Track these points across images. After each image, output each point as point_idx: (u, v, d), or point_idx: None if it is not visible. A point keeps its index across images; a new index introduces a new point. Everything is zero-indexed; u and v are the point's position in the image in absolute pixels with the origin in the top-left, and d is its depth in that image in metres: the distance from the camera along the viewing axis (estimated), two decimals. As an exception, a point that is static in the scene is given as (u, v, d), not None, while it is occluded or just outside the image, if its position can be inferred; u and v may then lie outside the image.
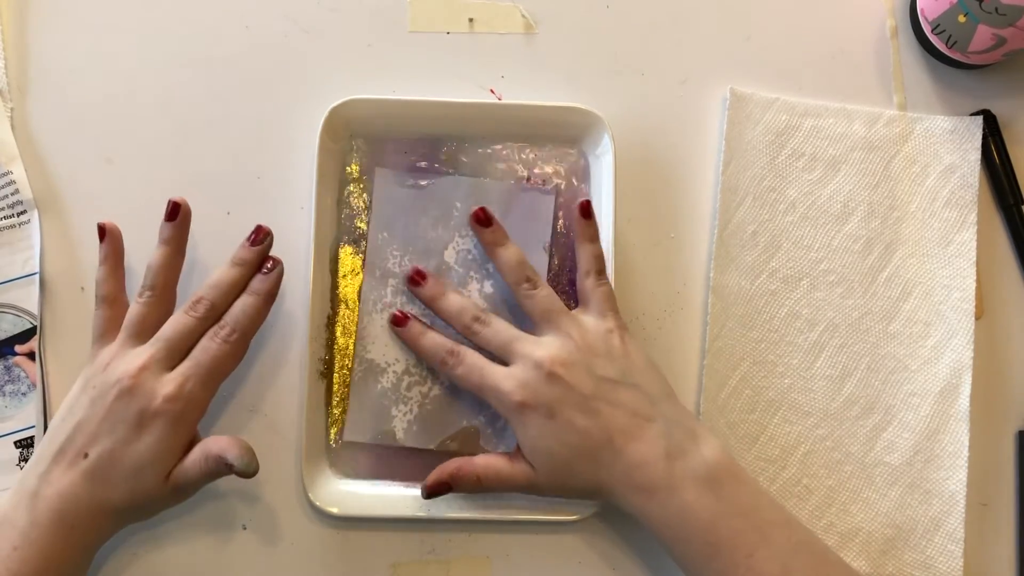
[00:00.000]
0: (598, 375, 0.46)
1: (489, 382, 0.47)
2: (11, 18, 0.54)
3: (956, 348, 0.53)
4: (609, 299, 0.49)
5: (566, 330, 0.47)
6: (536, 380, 0.46)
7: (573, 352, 0.47)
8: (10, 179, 0.52)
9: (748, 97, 0.54)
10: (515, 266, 0.49)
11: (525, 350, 0.47)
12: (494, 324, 0.49)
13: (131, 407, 0.44)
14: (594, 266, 0.49)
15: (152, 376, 0.45)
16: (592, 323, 0.48)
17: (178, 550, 0.50)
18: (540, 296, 0.49)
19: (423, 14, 0.55)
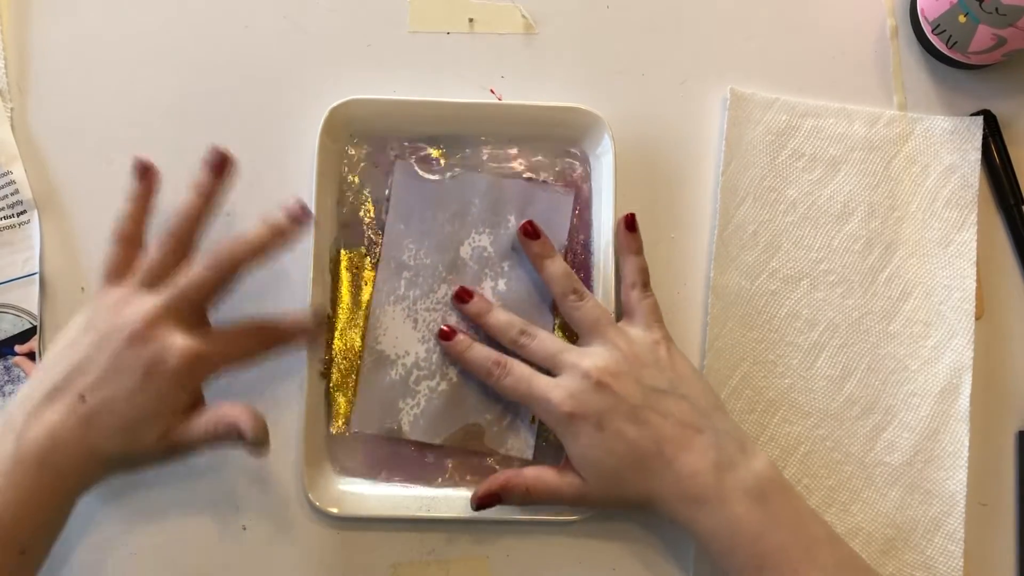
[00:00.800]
0: (646, 385, 0.46)
1: (537, 392, 0.47)
2: (11, 18, 0.54)
3: (956, 348, 0.53)
4: (655, 311, 0.49)
5: (613, 341, 0.47)
6: (585, 390, 0.46)
7: (621, 362, 0.47)
8: (10, 179, 0.52)
9: (748, 97, 0.54)
10: (562, 278, 0.49)
11: (572, 360, 0.47)
12: (541, 336, 0.49)
13: (141, 356, 0.43)
14: (640, 278, 0.50)
15: (166, 327, 0.43)
16: (639, 334, 0.48)
17: (178, 550, 0.50)
18: (587, 307, 0.49)
19: (423, 14, 0.55)
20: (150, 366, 0.43)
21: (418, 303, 0.52)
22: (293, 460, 0.51)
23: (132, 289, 0.45)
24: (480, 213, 0.52)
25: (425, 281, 0.52)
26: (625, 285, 0.50)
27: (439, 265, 0.52)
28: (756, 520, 0.44)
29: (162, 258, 0.46)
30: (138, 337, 0.43)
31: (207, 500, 0.50)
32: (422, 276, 0.52)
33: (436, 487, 0.51)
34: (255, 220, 0.52)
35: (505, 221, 0.52)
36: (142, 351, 0.43)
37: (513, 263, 0.52)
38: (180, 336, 0.44)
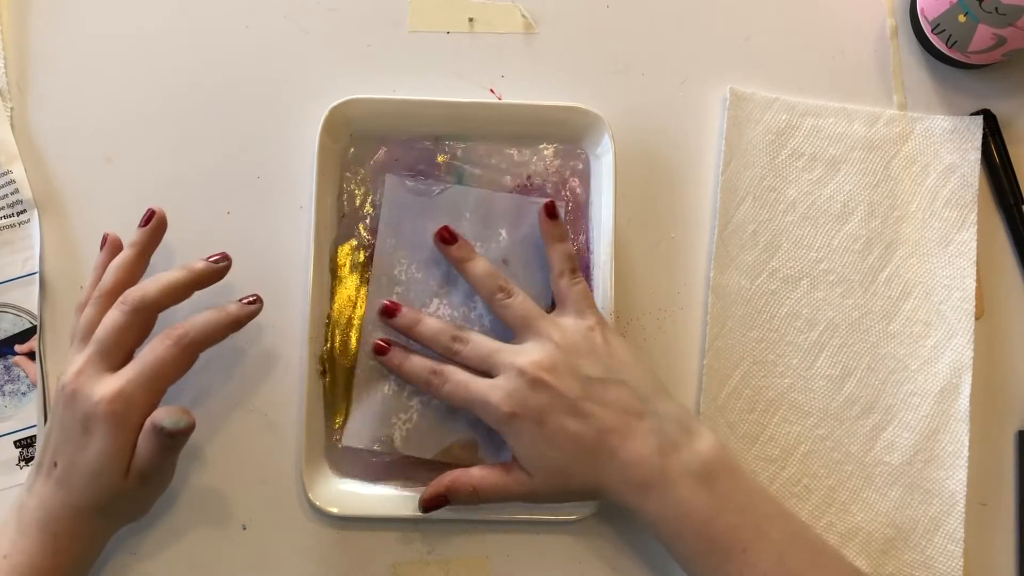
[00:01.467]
0: (584, 375, 0.46)
1: (476, 396, 0.46)
2: (11, 18, 0.54)
3: (956, 348, 0.53)
4: (586, 296, 0.49)
5: (546, 334, 0.47)
6: (522, 388, 0.45)
7: (555, 355, 0.46)
8: (10, 179, 0.52)
9: (748, 97, 0.54)
10: (485, 278, 0.49)
11: (507, 360, 0.47)
12: (474, 340, 0.48)
13: (75, 413, 0.44)
14: (566, 265, 0.49)
15: (89, 379, 0.44)
16: (571, 323, 0.48)
17: (178, 550, 0.50)
18: (516, 304, 0.48)
19: (423, 14, 0.55)
20: (85, 420, 0.44)
21: None
22: (293, 460, 0.51)
23: (72, 351, 0.47)
24: (471, 227, 0.52)
25: (417, 296, 0.51)
26: (553, 274, 0.49)
27: (431, 279, 0.52)
28: (703, 502, 0.44)
29: (94, 314, 0.47)
30: (69, 396, 0.44)
31: (207, 500, 0.50)
32: (413, 291, 0.51)
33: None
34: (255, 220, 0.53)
35: (496, 235, 0.52)
36: (75, 408, 0.44)
37: (506, 276, 0.51)
38: (99, 384, 0.44)
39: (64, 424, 0.44)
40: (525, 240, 0.52)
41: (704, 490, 0.44)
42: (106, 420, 0.43)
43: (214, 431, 0.51)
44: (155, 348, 0.45)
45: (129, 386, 0.44)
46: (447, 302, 0.51)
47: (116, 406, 0.43)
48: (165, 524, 0.50)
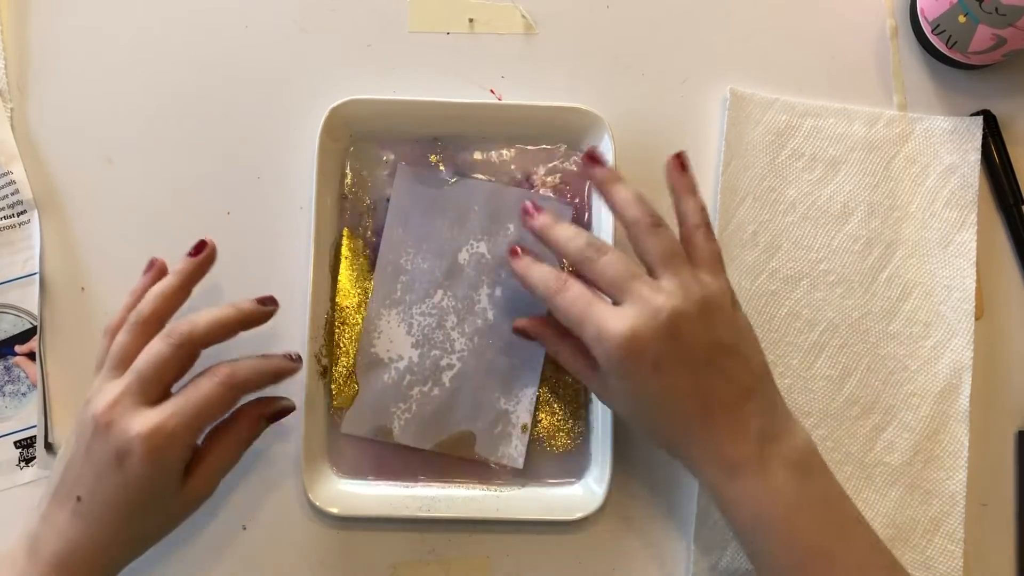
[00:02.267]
0: (713, 338, 0.43)
1: (596, 317, 0.42)
2: (11, 18, 0.54)
3: (956, 348, 0.53)
4: (720, 259, 0.45)
5: (688, 280, 0.43)
6: (651, 327, 0.41)
7: (695, 306, 0.42)
8: (10, 179, 0.52)
9: (748, 97, 0.54)
10: (635, 202, 0.44)
11: (645, 292, 0.42)
12: (611, 254, 0.44)
13: (108, 446, 0.42)
14: (703, 218, 0.45)
15: (126, 411, 0.42)
16: (709, 280, 0.44)
17: (178, 550, 0.50)
18: (665, 235, 0.44)
19: (423, 14, 0.55)
20: (120, 455, 0.41)
21: (413, 307, 0.52)
22: (293, 460, 0.51)
23: (102, 379, 0.44)
24: (479, 220, 0.52)
25: (421, 286, 0.52)
26: (687, 226, 0.45)
27: (436, 270, 0.52)
28: (792, 493, 0.42)
29: (130, 342, 0.44)
30: (102, 427, 0.42)
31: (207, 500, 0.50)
32: (418, 281, 0.52)
33: (436, 487, 0.51)
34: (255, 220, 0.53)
35: (504, 229, 0.52)
36: (108, 440, 0.42)
37: (511, 271, 0.52)
38: (139, 418, 0.42)
39: (94, 457, 0.42)
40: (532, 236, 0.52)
41: (795, 482, 0.42)
42: (145, 457, 0.41)
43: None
44: (200, 386, 0.43)
45: (171, 421, 0.42)
46: (451, 294, 0.52)
47: (156, 441, 0.41)
48: (165, 524, 0.50)
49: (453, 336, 0.51)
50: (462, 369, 0.51)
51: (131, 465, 0.41)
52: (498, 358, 0.51)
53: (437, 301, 0.52)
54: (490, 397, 0.51)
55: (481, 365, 0.51)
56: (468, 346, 0.51)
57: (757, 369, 0.44)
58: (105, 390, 0.43)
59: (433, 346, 0.51)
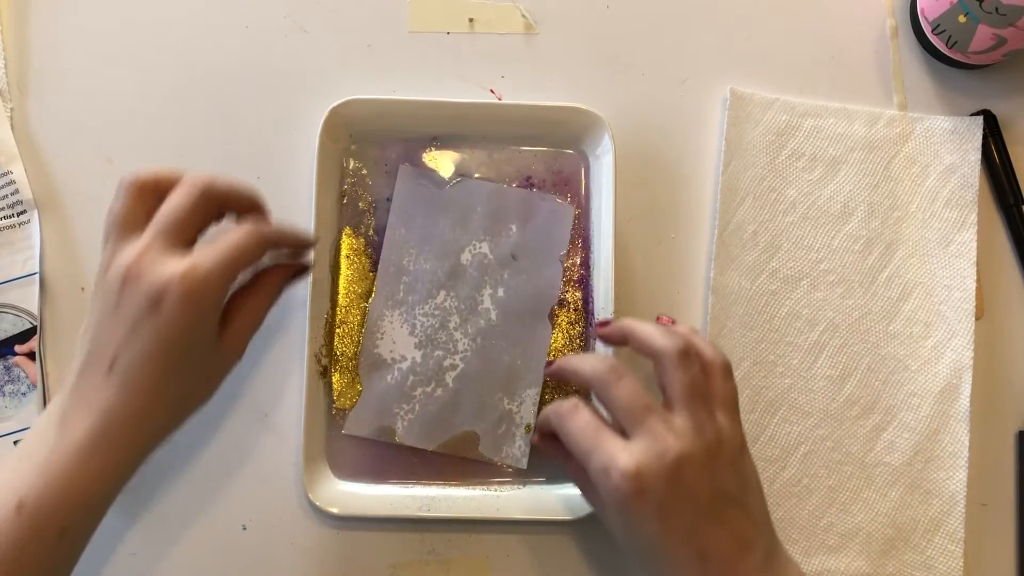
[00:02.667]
0: (719, 487, 0.41)
1: (602, 448, 0.41)
2: (11, 18, 0.54)
3: (956, 348, 0.53)
4: (736, 401, 0.44)
5: (703, 423, 0.42)
6: (657, 469, 0.40)
7: (705, 452, 0.41)
8: (10, 179, 0.52)
9: (748, 97, 0.54)
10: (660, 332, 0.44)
11: (656, 428, 0.41)
12: (628, 380, 0.42)
13: (141, 294, 0.39)
14: (719, 356, 0.44)
15: (155, 259, 0.40)
16: (725, 424, 0.43)
17: (178, 550, 0.50)
18: (693, 370, 0.42)
19: (423, 14, 0.55)
20: (156, 299, 0.39)
21: (416, 308, 0.51)
22: (293, 460, 0.51)
23: (115, 243, 0.42)
24: (482, 220, 0.52)
25: (424, 286, 0.52)
26: (705, 362, 0.44)
27: (439, 271, 0.52)
28: None
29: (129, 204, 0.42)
30: (133, 278, 0.40)
31: (207, 500, 0.50)
32: (421, 281, 0.52)
33: (436, 487, 0.51)
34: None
35: (507, 229, 0.52)
36: (140, 289, 0.40)
37: (513, 271, 0.52)
38: (171, 262, 0.40)
39: (125, 311, 0.40)
40: (535, 235, 0.52)
41: None
42: (181, 299, 0.39)
43: (214, 431, 0.51)
44: (228, 235, 0.42)
45: (205, 263, 0.40)
46: (454, 294, 0.52)
47: (191, 283, 0.39)
48: (165, 524, 0.50)
49: (456, 336, 0.51)
50: (465, 369, 0.51)
51: (167, 309, 0.39)
52: (501, 358, 0.51)
53: (440, 302, 0.52)
54: (493, 397, 0.51)
55: (484, 365, 0.51)
56: (471, 346, 0.51)
57: (759, 519, 0.43)
58: (126, 249, 0.41)
59: (436, 346, 0.51)
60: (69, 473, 0.39)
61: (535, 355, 0.51)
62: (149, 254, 0.40)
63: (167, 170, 0.43)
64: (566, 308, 0.52)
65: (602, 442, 0.41)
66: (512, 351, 0.51)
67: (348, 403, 0.51)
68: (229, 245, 0.42)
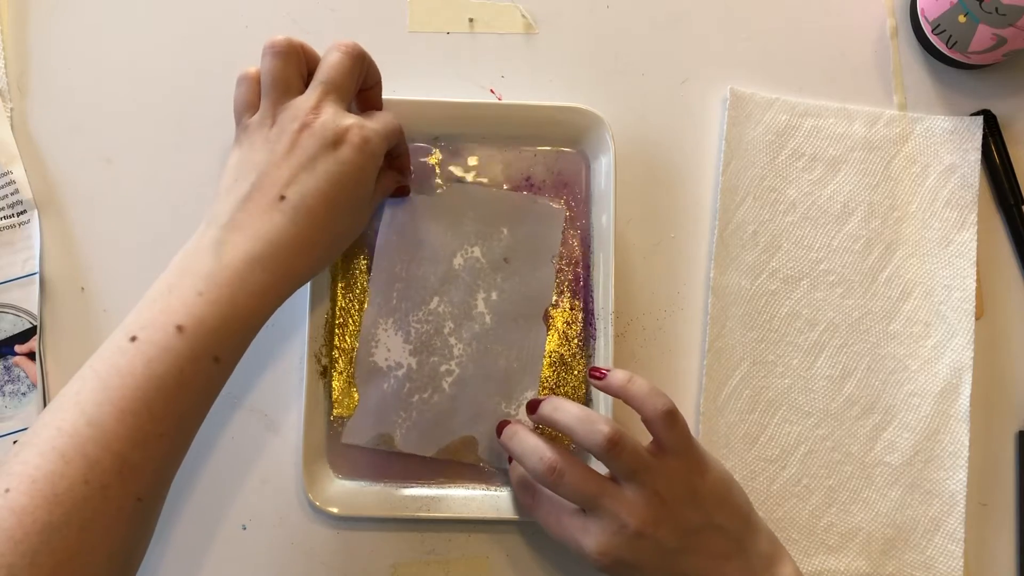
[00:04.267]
0: (682, 528, 0.44)
1: (568, 534, 0.45)
2: (11, 18, 0.54)
3: (956, 348, 0.53)
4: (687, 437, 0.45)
5: (651, 483, 0.44)
6: (620, 543, 0.43)
7: (660, 509, 0.44)
8: (10, 179, 0.52)
9: (748, 97, 0.54)
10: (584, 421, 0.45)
11: (611, 507, 0.44)
12: (572, 474, 0.44)
13: (321, 136, 0.42)
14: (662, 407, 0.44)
15: (334, 111, 0.43)
16: (675, 467, 0.44)
17: (178, 550, 0.50)
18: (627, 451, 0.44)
19: (423, 14, 0.55)
20: (336, 140, 0.42)
21: (410, 315, 0.51)
22: (293, 460, 0.51)
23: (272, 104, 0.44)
24: (473, 224, 0.52)
25: (417, 293, 0.51)
26: (648, 418, 0.45)
27: (431, 276, 0.52)
28: None
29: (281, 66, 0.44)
30: (312, 122, 0.42)
31: (207, 500, 0.50)
32: (414, 288, 0.51)
33: (436, 487, 0.51)
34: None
35: (498, 232, 0.52)
36: (320, 132, 0.42)
37: (506, 274, 0.52)
38: (347, 116, 0.43)
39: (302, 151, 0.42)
40: (527, 237, 0.52)
41: None
42: (359, 144, 0.43)
43: (215, 431, 0.51)
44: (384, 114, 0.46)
45: (375, 124, 0.44)
46: (447, 299, 0.51)
47: (367, 133, 0.43)
48: (165, 524, 0.50)
49: (451, 342, 0.51)
50: (462, 375, 0.51)
51: (345, 152, 0.42)
52: (497, 362, 0.51)
53: (433, 307, 0.51)
54: (491, 401, 0.51)
55: (481, 370, 0.51)
56: (467, 351, 0.51)
57: (736, 530, 0.45)
58: (296, 102, 0.44)
59: (432, 352, 0.51)
60: (228, 297, 0.39)
61: (531, 357, 0.51)
62: (326, 106, 0.43)
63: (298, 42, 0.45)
64: (564, 309, 0.52)
65: (565, 529, 0.46)
66: (508, 354, 0.51)
67: (346, 411, 0.51)
68: (389, 120, 0.46)
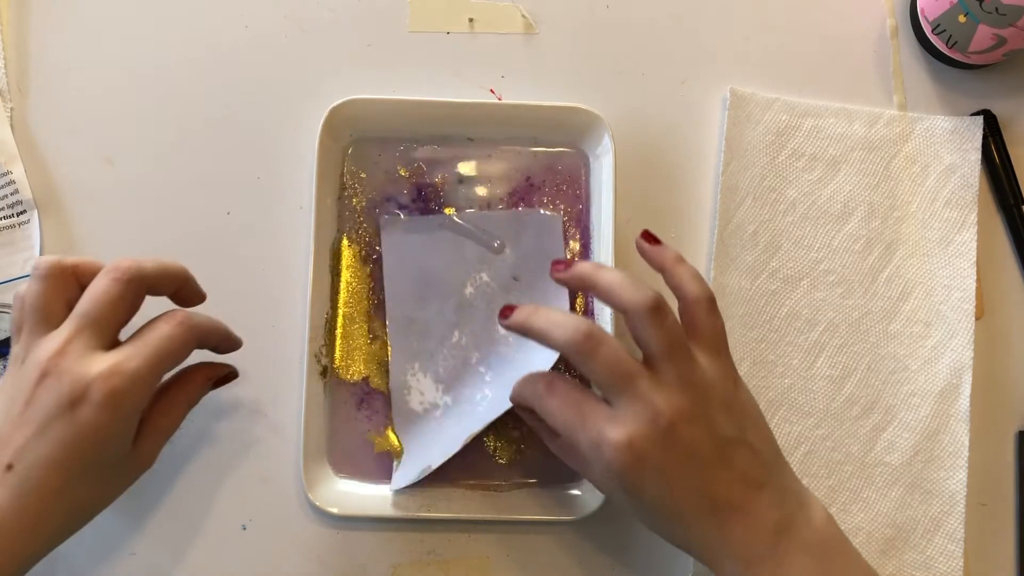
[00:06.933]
0: (717, 434, 0.40)
1: (589, 423, 0.39)
2: (11, 18, 0.54)
3: (956, 348, 0.53)
4: (724, 336, 0.42)
5: (686, 373, 0.39)
6: (651, 436, 0.38)
7: (696, 403, 0.39)
8: (10, 179, 0.52)
9: (748, 97, 0.54)
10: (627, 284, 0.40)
11: (643, 391, 0.38)
12: (608, 347, 0.39)
13: (58, 393, 0.36)
14: (703, 291, 0.41)
15: (78, 356, 0.37)
16: (710, 365, 0.41)
17: (178, 550, 0.50)
18: (669, 321, 0.39)
19: (423, 14, 0.55)
20: (74, 400, 0.37)
21: (435, 355, 0.51)
22: (293, 460, 0.51)
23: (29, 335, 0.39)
24: (474, 251, 0.51)
25: (436, 331, 0.51)
26: (686, 300, 0.41)
27: (446, 311, 0.51)
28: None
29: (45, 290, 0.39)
30: (51, 374, 0.37)
31: (207, 500, 0.50)
32: (433, 325, 0.51)
33: (436, 487, 0.51)
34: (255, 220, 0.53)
35: (501, 253, 0.52)
36: (58, 388, 0.37)
37: (519, 291, 0.51)
38: (96, 360, 0.37)
39: (36, 411, 0.37)
40: (531, 252, 0.52)
41: (817, 568, 0.39)
42: (103, 402, 0.36)
43: (214, 431, 0.51)
44: (157, 327, 0.39)
45: (132, 361, 0.37)
46: (468, 330, 0.51)
47: (117, 383, 0.37)
48: (165, 524, 0.50)
49: (480, 370, 0.51)
50: (495, 396, 0.50)
51: (85, 412, 0.37)
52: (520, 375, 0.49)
53: (456, 341, 0.51)
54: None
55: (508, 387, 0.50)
56: (496, 376, 0.50)
57: (767, 457, 0.41)
58: (44, 340, 0.38)
59: (464, 385, 0.51)
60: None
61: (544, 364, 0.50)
62: (70, 351, 0.37)
63: (86, 259, 0.41)
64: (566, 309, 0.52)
65: (588, 417, 0.39)
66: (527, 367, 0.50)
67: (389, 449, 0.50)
68: (158, 340, 0.39)
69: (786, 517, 0.40)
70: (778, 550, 0.39)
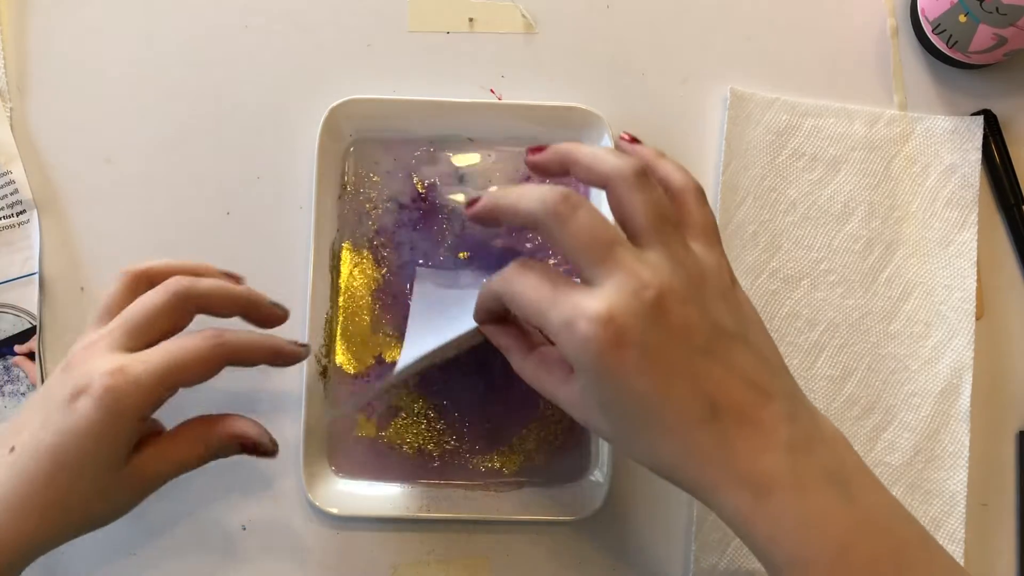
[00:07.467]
0: (714, 321, 0.33)
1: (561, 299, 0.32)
2: (11, 18, 0.54)
3: (956, 348, 0.52)
4: (716, 229, 0.37)
5: (678, 251, 0.34)
6: (634, 309, 0.31)
7: (689, 285, 0.33)
8: (9, 179, 0.52)
9: (748, 97, 0.54)
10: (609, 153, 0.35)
11: (626, 262, 0.32)
12: (585, 211, 0.33)
13: (67, 383, 0.37)
14: (691, 181, 0.37)
15: (98, 352, 0.37)
16: (705, 254, 0.35)
17: (178, 550, 0.50)
18: (656, 192, 0.34)
19: (423, 14, 0.55)
20: (76, 392, 0.36)
21: None
22: (293, 460, 0.51)
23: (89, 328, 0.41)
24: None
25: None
26: (673, 189, 0.37)
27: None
28: (840, 516, 0.32)
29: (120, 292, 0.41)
30: (70, 365, 0.38)
31: (207, 500, 0.50)
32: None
33: (436, 487, 0.51)
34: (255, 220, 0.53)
35: None
36: (65, 379, 0.37)
37: None
38: (108, 357, 0.37)
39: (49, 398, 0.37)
40: None
41: (842, 500, 0.33)
42: (100, 397, 0.36)
43: (214, 431, 0.51)
44: (184, 339, 0.39)
45: (138, 365, 0.37)
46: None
47: (116, 381, 0.36)
48: (165, 524, 0.50)
49: None
50: None
51: (82, 405, 0.36)
52: None
53: None
54: None
55: None
56: None
57: (773, 361, 0.35)
58: (84, 337, 0.40)
59: None
60: None
61: None
62: (95, 346, 0.38)
63: (164, 263, 0.42)
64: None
65: (560, 294, 0.33)
66: None
67: None
68: (175, 351, 0.38)
69: (801, 435, 0.33)
70: (795, 474, 0.32)
